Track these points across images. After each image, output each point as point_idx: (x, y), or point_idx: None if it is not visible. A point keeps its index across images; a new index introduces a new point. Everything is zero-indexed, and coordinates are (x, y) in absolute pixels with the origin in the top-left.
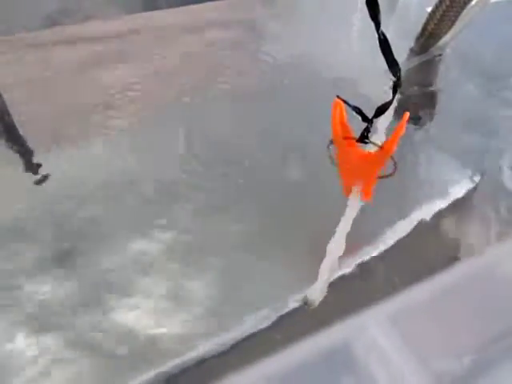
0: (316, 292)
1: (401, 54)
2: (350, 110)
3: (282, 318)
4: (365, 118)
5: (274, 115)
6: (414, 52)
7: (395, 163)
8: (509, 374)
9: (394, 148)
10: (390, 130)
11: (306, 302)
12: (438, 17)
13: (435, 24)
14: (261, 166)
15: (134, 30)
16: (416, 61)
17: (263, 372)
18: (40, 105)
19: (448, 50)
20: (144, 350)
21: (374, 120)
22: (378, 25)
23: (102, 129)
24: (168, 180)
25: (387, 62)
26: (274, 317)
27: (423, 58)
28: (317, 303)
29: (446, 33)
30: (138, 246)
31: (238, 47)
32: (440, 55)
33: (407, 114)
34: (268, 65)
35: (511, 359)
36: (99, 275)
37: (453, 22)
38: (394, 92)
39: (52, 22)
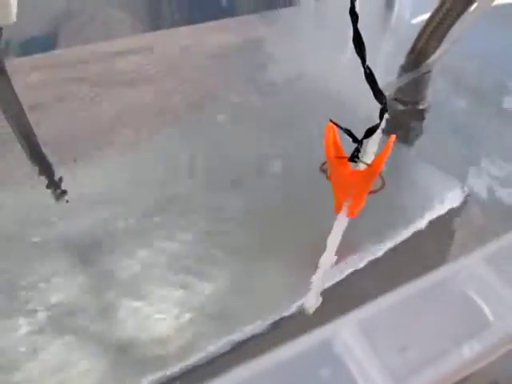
0: (311, 300)
1: (393, 71)
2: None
3: (279, 322)
4: (355, 140)
5: (273, 134)
6: (404, 69)
7: (383, 180)
8: None
9: (382, 166)
10: (381, 147)
11: (302, 309)
12: (427, 36)
13: (424, 42)
14: (259, 183)
15: (148, 47)
16: (406, 78)
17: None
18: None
19: (436, 67)
20: (154, 351)
21: (364, 140)
22: (363, 60)
23: (115, 145)
24: (173, 195)
25: (373, 93)
26: (271, 321)
27: (413, 75)
28: (311, 310)
29: (434, 51)
30: (146, 255)
31: (238, 66)
32: (429, 72)
33: (393, 137)
34: (268, 84)
35: None
36: (112, 281)
37: (441, 41)
38: (381, 117)
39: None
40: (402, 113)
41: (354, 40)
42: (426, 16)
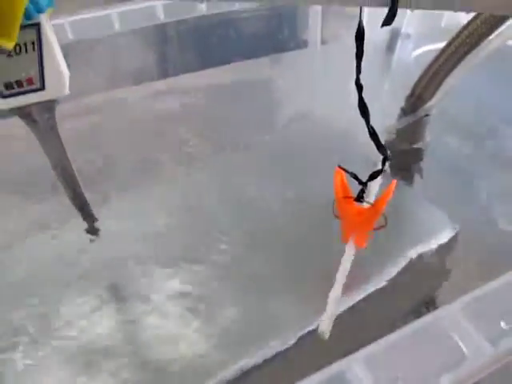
0: (325, 323)
1: (394, 113)
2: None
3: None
4: (360, 182)
5: (284, 171)
6: (404, 111)
7: (386, 218)
8: None
9: (384, 206)
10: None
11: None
12: (424, 83)
13: (422, 88)
14: (274, 219)
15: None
16: (406, 121)
17: None
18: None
19: (434, 111)
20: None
21: (368, 183)
22: (368, 121)
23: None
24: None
25: (377, 148)
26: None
27: (412, 118)
28: (327, 335)
29: (431, 97)
30: (173, 282)
31: (247, 105)
32: (427, 115)
33: (394, 182)
34: (277, 122)
35: None
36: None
37: (437, 88)
38: (383, 164)
39: None
40: (402, 152)
41: (359, 105)
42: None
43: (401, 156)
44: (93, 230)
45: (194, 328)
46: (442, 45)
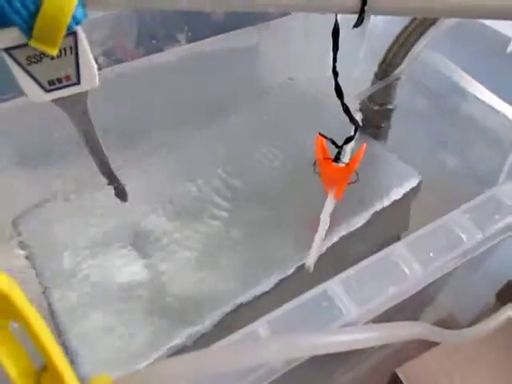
0: (311, 259)
1: (369, 77)
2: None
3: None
4: (337, 146)
5: (272, 133)
6: (377, 76)
7: (357, 174)
8: None
9: (356, 165)
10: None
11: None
12: (395, 50)
13: (392, 55)
14: (265, 176)
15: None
16: (378, 85)
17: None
18: None
19: (404, 76)
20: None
21: (343, 146)
22: (342, 101)
23: None
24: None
25: (349, 119)
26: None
27: (384, 82)
28: (312, 268)
29: (401, 62)
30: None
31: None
32: (398, 79)
33: (364, 145)
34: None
35: None
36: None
37: (406, 54)
38: (355, 132)
39: None
40: (374, 113)
41: (335, 89)
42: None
43: (373, 116)
44: (122, 195)
45: (208, 265)
46: None
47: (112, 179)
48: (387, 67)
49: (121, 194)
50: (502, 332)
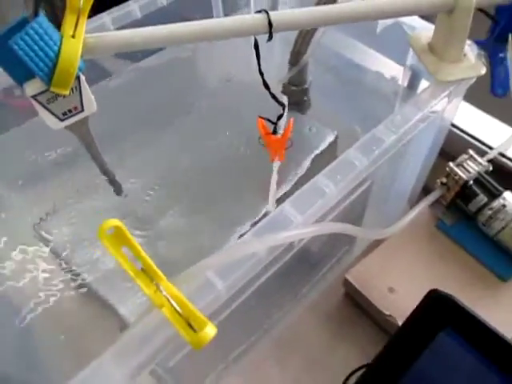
0: (270, 205)
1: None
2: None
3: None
4: (273, 122)
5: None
6: (291, 63)
7: (292, 141)
8: None
9: (289, 134)
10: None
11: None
12: (301, 40)
13: (300, 44)
14: (222, 153)
15: None
16: (293, 70)
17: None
18: None
19: (311, 60)
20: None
21: (278, 122)
22: (270, 91)
23: None
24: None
25: (275, 101)
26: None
27: (297, 68)
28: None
29: (306, 50)
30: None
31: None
32: (307, 64)
33: (292, 120)
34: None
35: None
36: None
37: (309, 42)
38: (283, 110)
39: None
40: (294, 92)
41: (263, 84)
42: None
43: (294, 95)
44: (118, 191)
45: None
46: None
47: (111, 178)
48: (297, 55)
49: (118, 190)
50: (420, 227)
